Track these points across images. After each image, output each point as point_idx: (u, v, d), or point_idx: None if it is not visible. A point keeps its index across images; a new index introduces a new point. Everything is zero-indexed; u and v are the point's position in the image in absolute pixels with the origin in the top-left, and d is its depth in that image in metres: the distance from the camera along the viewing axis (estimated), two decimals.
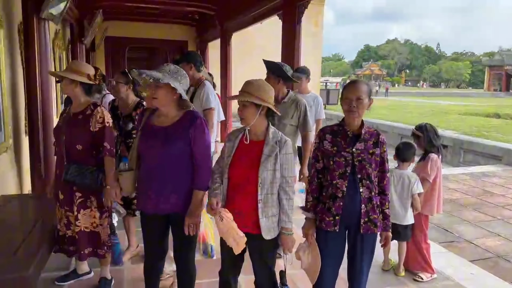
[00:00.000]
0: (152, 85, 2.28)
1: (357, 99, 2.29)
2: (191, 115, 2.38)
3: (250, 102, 2.21)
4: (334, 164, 2.34)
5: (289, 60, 5.67)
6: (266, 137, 2.27)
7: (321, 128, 2.54)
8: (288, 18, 5.66)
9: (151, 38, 13.18)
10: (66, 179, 2.69)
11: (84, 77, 2.71)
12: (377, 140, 2.38)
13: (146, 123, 2.44)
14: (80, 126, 2.71)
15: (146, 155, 2.39)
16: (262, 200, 2.22)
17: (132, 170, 2.48)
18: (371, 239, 2.41)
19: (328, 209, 2.35)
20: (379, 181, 2.41)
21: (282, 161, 2.25)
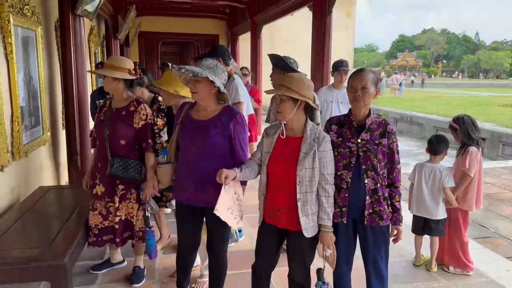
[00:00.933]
0: (191, 80, 2.34)
1: (362, 88, 2.24)
2: (230, 110, 2.42)
3: (288, 96, 2.17)
4: (338, 155, 2.31)
5: (319, 52, 5.62)
6: (304, 133, 2.23)
7: (328, 119, 2.50)
8: (318, 10, 5.59)
9: (183, 33, 13.35)
10: (111, 173, 2.74)
11: (125, 72, 2.75)
12: (385, 130, 2.31)
13: (185, 116, 2.49)
14: (124, 122, 2.77)
15: (185, 148, 2.43)
16: (301, 199, 2.19)
17: (171, 163, 2.55)
18: (381, 231, 2.35)
19: (334, 200, 2.31)
20: (389, 173, 2.35)
21: (320, 158, 2.20)
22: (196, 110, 2.48)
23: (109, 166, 2.74)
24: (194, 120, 2.43)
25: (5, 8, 3.38)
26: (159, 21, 12.41)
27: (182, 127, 2.46)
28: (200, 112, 2.44)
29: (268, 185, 2.29)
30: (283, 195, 2.24)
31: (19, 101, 3.66)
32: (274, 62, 3.50)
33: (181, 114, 2.53)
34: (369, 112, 2.33)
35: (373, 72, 2.32)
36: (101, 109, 2.94)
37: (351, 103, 2.33)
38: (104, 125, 2.79)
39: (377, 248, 2.37)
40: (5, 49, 3.44)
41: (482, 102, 19.44)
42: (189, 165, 2.40)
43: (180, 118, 2.51)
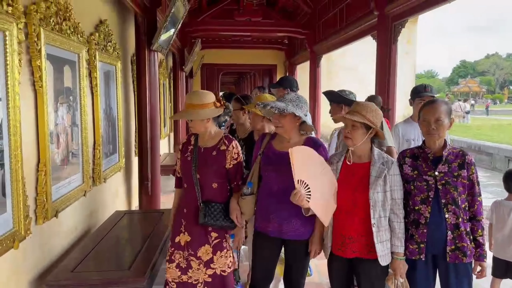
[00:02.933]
0: (276, 115, 2.37)
1: (436, 120, 2.21)
2: (313, 142, 2.42)
3: (360, 124, 2.19)
4: (415, 188, 2.25)
5: (384, 81, 5.55)
6: (372, 158, 2.24)
7: (401, 152, 2.46)
8: (383, 39, 5.55)
9: (242, 64, 13.80)
10: (205, 222, 2.44)
11: (211, 108, 2.47)
12: (463, 161, 2.23)
13: (267, 147, 2.51)
14: (216, 163, 2.50)
15: (269, 180, 2.43)
16: (375, 224, 2.16)
17: (253, 194, 2.52)
18: (465, 269, 2.23)
19: (411, 236, 2.24)
20: (470, 206, 2.25)
21: (391, 182, 2.19)
22: (278, 141, 2.49)
23: (202, 215, 2.44)
24: (277, 152, 2.44)
25: (92, 46, 3.70)
26: (220, 53, 12.93)
27: (265, 159, 2.48)
28: (283, 144, 2.44)
29: (336, 213, 2.26)
30: (353, 222, 2.21)
31: (101, 130, 3.93)
32: (330, 98, 3.49)
33: (262, 145, 2.55)
34: (445, 143, 2.28)
35: (445, 103, 2.30)
36: (185, 147, 2.63)
37: (425, 136, 2.30)
38: (193, 168, 2.49)
39: (461, 286, 2.24)
40: (91, 82, 3.75)
41: None
42: (274, 197, 2.38)
43: (262, 149, 2.53)
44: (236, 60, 13.47)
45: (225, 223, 2.48)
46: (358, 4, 6.62)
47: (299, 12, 10.78)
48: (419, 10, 4.89)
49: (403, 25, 5.23)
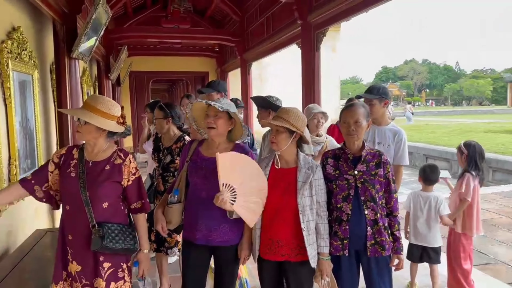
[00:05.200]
0: (211, 115, 2.32)
1: (355, 122, 2.35)
2: (241, 148, 2.41)
3: (284, 128, 2.26)
4: (337, 187, 2.37)
5: (309, 86, 5.78)
6: (298, 163, 2.32)
7: (324, 152, 2.58)
8: (306, 47, 5.78)
9: (173, 71, 13.61)
10: (103, 247, 2.09)
11: (113, 121, 2.18)
12: (380, 160, 2.39)
13: (194, 154, 2.47)
14: (109, 179, 2.16)
15: (198, 187, 2.38)
16: (305, 228, 2.23)
17: (181, 202, 2.46)
18: (384, 261, 2.39)
19: (335, 233, 2.36)
20: (387, 202, 2.41)
21: (316, 186, 2.29)
22: (206, 147, 2.46)
23: (98, 238, 2.07)
24: (206, 158, 2.40)
25: (4, 54, 3.45)
26: (149, 61, 12.63)
27: (193, 165, 2.43)
28: (212, 150, 2.40)
29: (264, 216, 2.30)
30: (281, 226, 2.27)
31: (17, 144, 3.66)
32: (258, 103, 3.57)
33: (190, 152, 2.50)
34: (363, 144, 2.43)
35: (363, 107, 2.46)
36: (64, 161, 2.22)
37: (345, 137, 2.44)
38: (81, 185, 2.11)
39: (381, 279, 2.39)
40: (4, 93, 3.48)
41: (468, 129, 19.85)
42: (202, 204, 2.34)
43: (189, 155, 2.49)
44: (167, 68, 13.25)
45: (126, 246, 2.16)
46: (283, 13, 6.84)
47: (228, 20, 10.90)
48: (338, 19, 5.17)
49: (324, 33, 5.50)
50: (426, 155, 12.31)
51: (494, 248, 4.79)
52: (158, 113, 3.42)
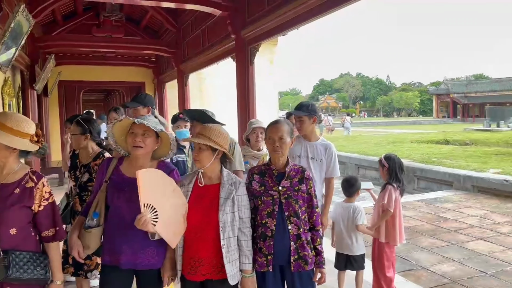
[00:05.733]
0: (138, 134, 2.22)
1: (280, 138, 2.41)
2: (165, 166, 2.35)
3: (207, 146, 2.24)
4: (262, 203, 2.40)
5: (244, 99, 5.83)
6: (221, 180, 2.31)
7: (250, 168, 2.61)
8: (241, 61, 5.85)
9: (108, 81, 13.14)
10: (6, 278, 1.94)
11: (27, 140, 2.06)
12: (303, 176, 2.46)
13: (115, 173, 2.34)
14: (18, 203, 2.02)
15: (121, 209, 2.26)
16: (225, 245, 2.21)
17: (101, 225, 2.31)
18: (307, 276, 2.43)
19: (260, 249, 2.38)
20: (309, 217, 2.48)
21: (239, 202, 2.29)
22: (127, 166, 2.34)
23: (1, 267, 1.94)
24: (128, 178, 2.28)
25: None
26: (81, 70, 12.10)
27: (114, 187, 2.29)
28: (133, 169, 2.24)
29: (186, 234, 2.25)
30: (204, 244, 2.24)
31: None
32: (192, 116, 3.48)
33: (109, 171, 2.35)
34: (287, 160, 2.49)
35: (287, 124, 2.51)
36: None
37: (270, 153, 2.48)
38: None
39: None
40: None
41: (397, 139, 21.05)
42: (126, 226, 2.20)
43: (108, 175, 2.34)
44: (100, 77, 12.76)
45: (35, 276, 2.02)
46: (218, 27, 6.88)
47: (164, 31, 10.76)
48: (270, 34, 5.29)
49: (257, 48, 5.60)
50: (357, 165, 12.86)
51: (416, 254, 5.08)
52: (75, 129, 3.22)
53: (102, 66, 12.32)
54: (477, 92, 53.20)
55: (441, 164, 10.98)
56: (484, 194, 8.35)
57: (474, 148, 16.19)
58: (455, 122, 49.68)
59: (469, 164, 10.62)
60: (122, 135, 2.35)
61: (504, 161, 11.50)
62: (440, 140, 20.08)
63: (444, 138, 20.84)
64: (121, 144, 2.39)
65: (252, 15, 5.43)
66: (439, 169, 10.13)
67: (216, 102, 10.58)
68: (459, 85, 56.70)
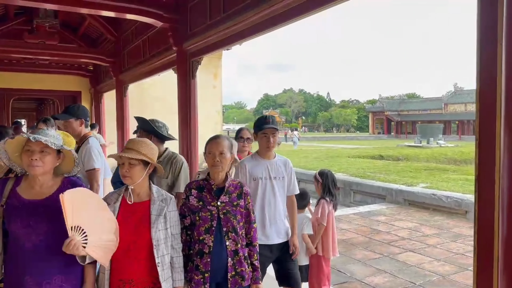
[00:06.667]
0: (35, 151, 1.98)
1: (220, 153, 2.41)
2: (71, 183, 2.15)
3: (139, 161, 2.18)
4: (200, 219, 2.37)
5: (186, 113, 5.75)
6: (151, 196, 2.24)
7: (188, 183, 2.59)
8: (182, 73, 5.78)
9: (41, 89, 12.44)
10: None
11: None
12: (241, 192, 2.48)
13: (11, 196, 2.08)
14: None
15: (21, 237, 2.02)
16: (160, 263, 2.14)
17: (1, 254, 2.09)
18: None
19: (197, 267, 2.34)
20: (247, 233, 2.48)
21: (171, 218, 2.24)
22: (25, 187, 2.10)
23: None
24: (27, 201, 2.05)
25: None
26: (10, 77, 11.34)
27: (12, 211, 2.04)
28: (33, 190, 2.08)
29: (113, 257, 2.12)
30: (135, 264, 2.15)
31: None
32: (140, 125, 3.37)
33: (4, 193, 2.08)
34: (226, 175, 2.47)
35: (228, 139, 2.51)
36: None
37: (210, 168, 2.45)
38: None
39: None
40: None
41: (335, 154, 21.84)
42: (27, 255, 2.01)
43: (4, 198, 2.08)
44: (32, 85, 12.04)
45: None
46: (159, 38, 6.77)
47: (103, 39, 10.40)
48: (213, 49, 5.29)
49: (199, 61, 5.57)
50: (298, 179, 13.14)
51: (351, 267, 5.24)
52: None
53: (35, 74, 11.63)
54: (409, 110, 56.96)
55: (375, 178, 11.51)
56: (414, 207, 8.85)
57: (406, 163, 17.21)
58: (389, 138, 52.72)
59: (401, 179, 11.24)
60: (16, 151, 2.10)
61: (432, 175, 12.32)
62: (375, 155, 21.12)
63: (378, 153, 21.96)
64: (16, 161, 2.14)
65: (194, 28, 5.40)
66: (373, 183, 10.60)
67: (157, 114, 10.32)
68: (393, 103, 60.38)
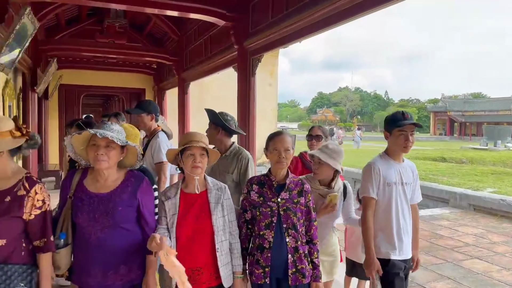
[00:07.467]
0: (101, 146, 2.06)
1: (285, 150, 2.40)
2: (134, 177, 2.23)
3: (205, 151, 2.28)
4: (260, 214, 2.39)
5: (244, 109, 5.85)
6: (207, 186, 2.33)
7: (249, 179, 2.62)
8: (243, 71, 5.87)
9: (108, 86, 13.17)
10: None
11: (7, 137, 1.93)
12: (302, 189, 2.46)
13: (78, 189, 2.17)
14: (7, 213, 1.94)
15: (86, 228, 2.11)
16: (219, 249, 2.23)
17: (69, 244, 2.18)
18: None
19: (257, 261, 2.36)
20: (307, 230, 2.46)
21: (227, 206, 2.32)
22: (92, 180, 2.18)
23: None
24: (93, 194, 2.13)
25: None
26: (82, 74, 12.12)
27: (78, 203, 2.13)
28: (99, 183, 2.16)
29: (179, 247, 2.21)
30: (200, 252, 2.24)
31: None
32: (210, 117, 3.40)
33: (72, 185, 2.19)
34: (287, 172, 2.48)
35: (290, 135, 2.51)
36: None
37: (274, 165, 2.45)
38: None
39: None
40: None
41: None
42: (93, 247, 2.10)
43: (72, 190, 2.18)
44: (101, 82, 12.78)
45: None
46: (221, 37, 6.93)
47: (167, 38, 10.81)
48: (273, 46, 5.33)
49: (259, 59, 5.63)
50: (354, 179, 12.87)
51: None
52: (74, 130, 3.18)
53: (103, 72, 12.33)
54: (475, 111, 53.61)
55: (437, 181, 11.02)
56: (480, 213, 8.35)
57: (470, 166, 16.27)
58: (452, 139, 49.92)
59: (465, 182, 10.66)
60: (81, 145, 2.19)
61: (500, 180, 11.56)
62: (436, 157, 20.16)
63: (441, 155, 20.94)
64: (81, 155, 2.23)
65: (256, 26, 5.47)
66: (435, 186, 10.15)
67: None
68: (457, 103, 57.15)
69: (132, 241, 2.16)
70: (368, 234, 2.63)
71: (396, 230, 2.67)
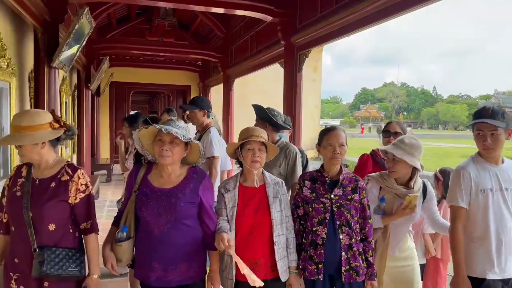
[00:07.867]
0: (166, 142, 2.09)
1: (340, 145, 2.35)
2: (196, 173, 2.24)
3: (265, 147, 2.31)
4: (313, 210, 2.36)
5: (291, 106, 5.84)
6: (265, 180, 2.35)
7: (301, 175, 2.60)
8: (289, 67, 5.86)
9: (155, 83, 13.57)
10: (41, 274, 1.98)
11: (46, 130, 2.03)
12: (356, 186, 2.39)
13: (143, 184, 2.21)
14: (54, 198, 2.04)
15: (149, 222, 2.13)
16: (277, 242, 2.26)
17: (131, 237, 2.20)
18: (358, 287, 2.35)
19: (310, 257, 2.33)
20: (361, 228, 2.40)
21: (283, 201, 2.34)
22: (156, 175, 2.21)
23: (37, 263, 1.98)
24: (156, 189, 2.16)
25: None
26: (131, 72, 12.57)
27: (143, 197, 2.16)
28: (163, 179, 2.18)
29: (237, 240, 2.24)
30: (258, 245, 2.26)
31: None
32: (257, 113, 3.42)
33: (137, 180, 2.22)
34: (341, 168, 2.43)
35: (343, 131, 2.46)
36: (13, 180, 2.11)
37: (328, 160, 2.39)
38: (24, 205, 2.00)
39: None
40: None
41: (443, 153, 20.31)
42: (155, 242, 2.11)
43: (137, 185, 2.21)
44: (148, 79, 13.20)
45: (70, 273, 2.04)
46: (267, 33, 6.94)
47: (212, 36, 10.97)
48: (321, 42, 5.28)
49: (307, 55, 5.59)
50: None
51: None
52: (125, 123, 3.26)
53: (151, 69, 12.73)
54: None
55: None
56: None
57: None
58: None
59: None
60: (148, 140, 2.24)
61: None
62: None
63: None
64: (148, 150, 2.28)
65: (303, 21, 5.44)
66: None
67: None
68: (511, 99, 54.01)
69: (193, 238, 2.17)
70: (458, 249, 2.34)
71: (496, 244, 2.33)
